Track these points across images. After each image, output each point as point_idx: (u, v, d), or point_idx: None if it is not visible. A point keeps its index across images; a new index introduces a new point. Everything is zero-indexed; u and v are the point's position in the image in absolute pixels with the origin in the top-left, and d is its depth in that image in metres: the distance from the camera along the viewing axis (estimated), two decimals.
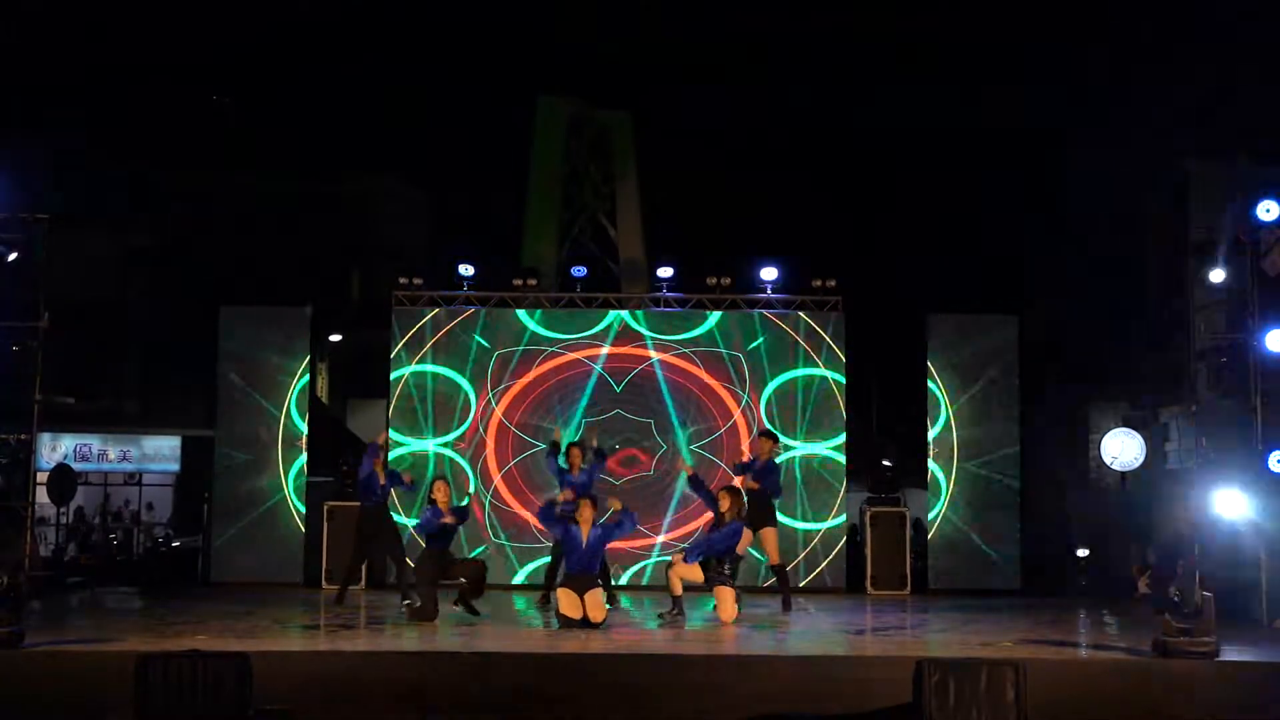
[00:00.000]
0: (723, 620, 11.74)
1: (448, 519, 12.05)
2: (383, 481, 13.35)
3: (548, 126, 23.41)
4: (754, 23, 23.40)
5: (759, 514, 12.71)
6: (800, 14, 22.97)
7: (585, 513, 11.77)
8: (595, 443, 13.55)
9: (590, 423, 15.16)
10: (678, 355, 15.80)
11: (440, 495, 12.09)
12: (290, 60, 23.35)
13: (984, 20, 21.34)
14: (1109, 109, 20.34)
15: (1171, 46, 19.16)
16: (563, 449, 13.33)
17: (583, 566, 11.69)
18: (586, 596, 11.39)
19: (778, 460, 13.46)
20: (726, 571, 11.88)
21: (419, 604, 11.92)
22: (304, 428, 15.60)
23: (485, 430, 15.56)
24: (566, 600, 11.42)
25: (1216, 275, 12.74)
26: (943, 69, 22.33)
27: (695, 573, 11.93)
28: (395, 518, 14.11)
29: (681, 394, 15.73)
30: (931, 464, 15.71)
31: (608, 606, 12.07)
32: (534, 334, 15.79)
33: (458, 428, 15.61)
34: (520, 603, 13.67)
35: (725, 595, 11.81)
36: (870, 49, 22.88)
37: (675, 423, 15.60)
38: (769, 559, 13.14)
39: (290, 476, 15.51)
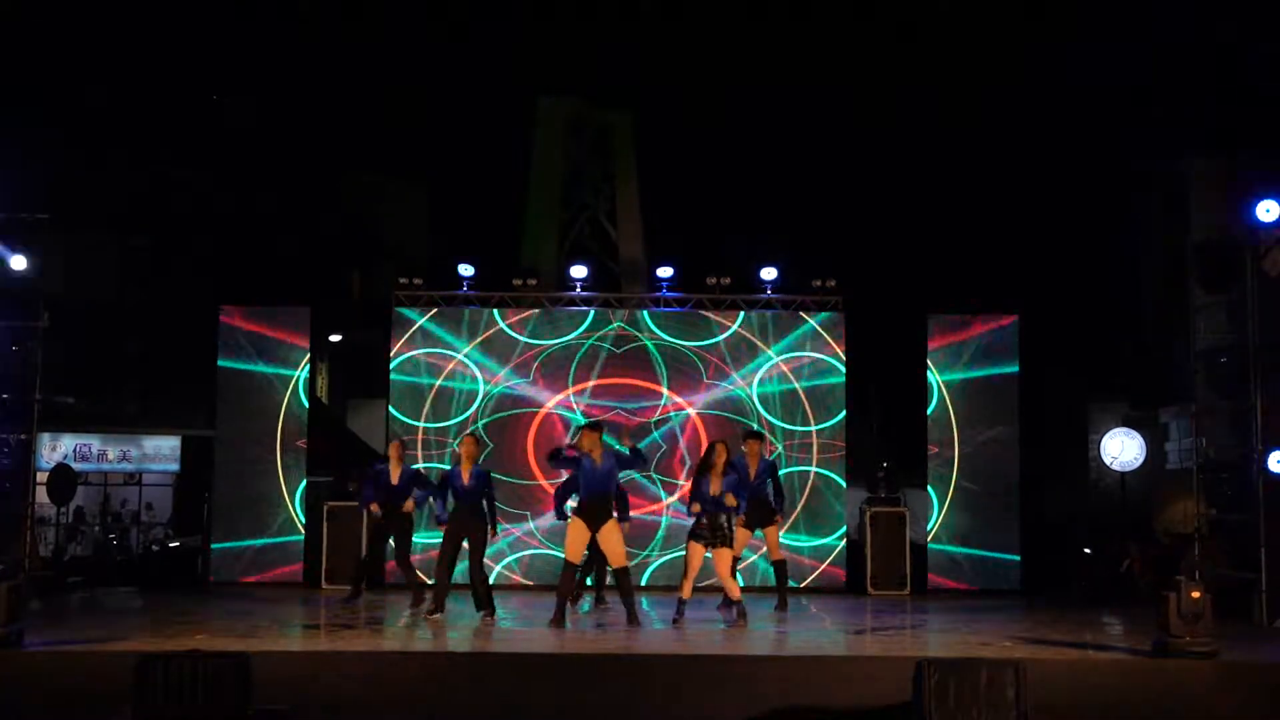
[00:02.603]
0: (726, 585, 11.52)
1: (465, 479, 11.74)
2: (395, 482, 13.01)
3: (548, 126, 23.41)
4: (754, 22, 23.43)
5: (760, 513, 12.69)
6: (800, 13, 23.00)
7: (592, 439, 11.33)
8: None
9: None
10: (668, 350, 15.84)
11: (465, 450, 11.82)
12: (290, 60, 23.36)
13: (985, 19, 21.37)
14: (1109, 109, 20.36)
15: (1171, 46, 19.17)
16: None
17: (598, 492, 11.29)
18: (601, 533, 11.30)
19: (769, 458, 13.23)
20: (727, 529, 11.51)
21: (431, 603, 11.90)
22: (304, 428, 15.60)
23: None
24: (576, 533, 11.28)
25: (1220, 279, 12.78)
26: (943, 68, 22.35)
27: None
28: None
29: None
30: (931, 464, 15.71)
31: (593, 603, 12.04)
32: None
33: (459, 415, 15.63)
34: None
35: (723, 557, 11.52)
36: (870, 49, 22.91)
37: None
38: (770, 554, 13.14)
39: (290, 476, 15.51)
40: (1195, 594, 9.45)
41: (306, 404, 15.68)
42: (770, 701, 8.78)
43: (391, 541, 13.42)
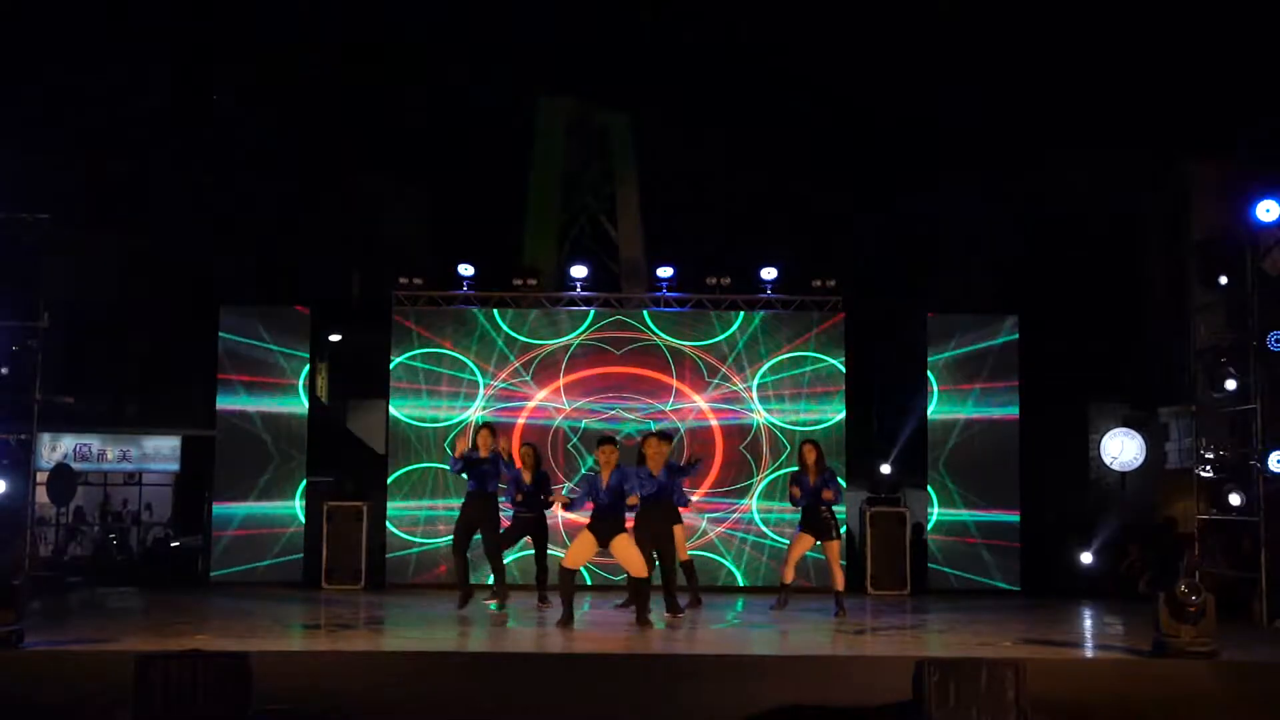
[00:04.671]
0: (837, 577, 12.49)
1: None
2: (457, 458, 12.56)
3: (548, 127, 23.39)
4: (755, 23, 23.41)
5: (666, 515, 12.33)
6: (800, 15, 22.98)
7: (606, 455, 11.40)
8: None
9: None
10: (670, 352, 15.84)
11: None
12: (290, 59, 23.34)
13: (984, 19, 21.35)
14: (1110, 108, 20.35)
15: (1171, 45, 19.17)
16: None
17: (607, 510, 11.29)
18: (614, 547, 11.31)
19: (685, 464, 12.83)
20: (831, 520, 12.62)
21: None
22: (304, 428, 15.61)
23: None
24: (581, 544, 11.33)
25: (1220, 279, 12.78)
26: (943, 68, 22.34)
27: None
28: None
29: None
30: (931, 464, 15.71)
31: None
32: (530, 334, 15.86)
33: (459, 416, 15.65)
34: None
35: (834, 549, 12.67)
36: (870, 50, 22.90)
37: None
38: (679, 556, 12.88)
39: (290, 476, 15.52)
40: (1194, 594, 9.46)
41: (307, 403, 15.70)
42: (770, 701, 8.78)
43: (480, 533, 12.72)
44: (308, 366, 15.80)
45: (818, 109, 23.21)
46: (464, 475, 12.52)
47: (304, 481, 15.52)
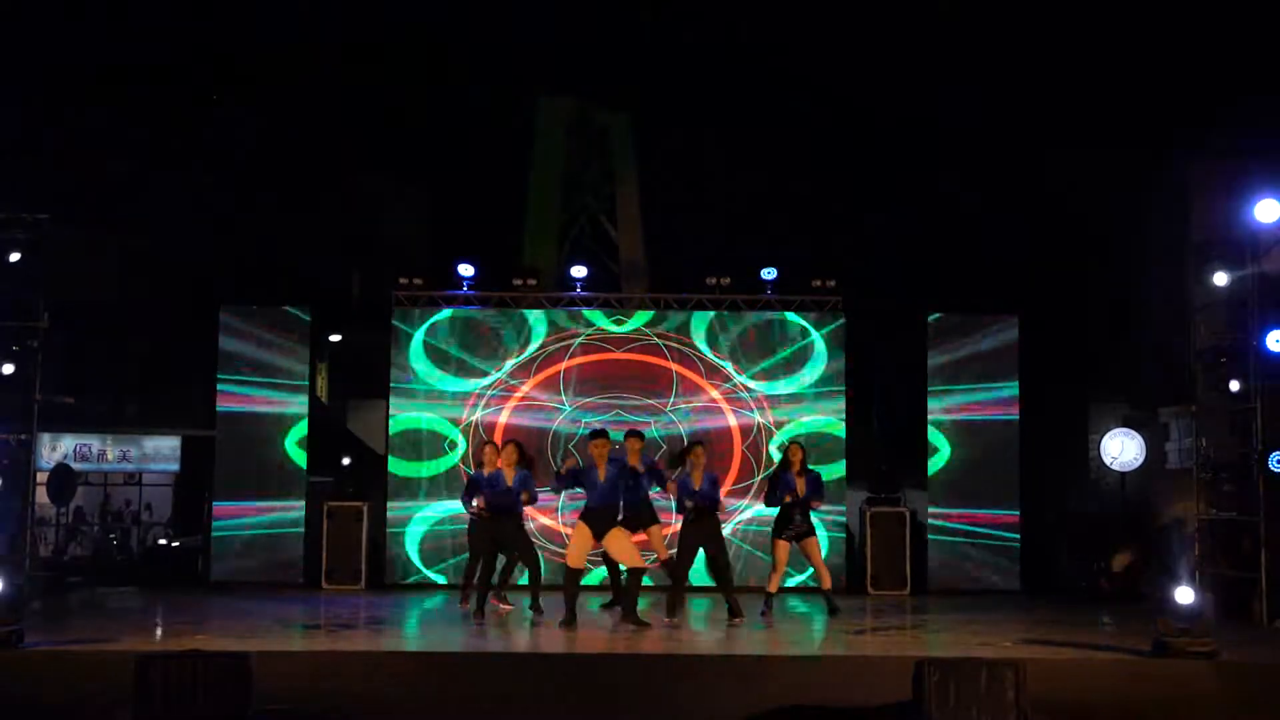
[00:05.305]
0: (819, 571, 12.46)
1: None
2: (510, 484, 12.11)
3: (548, 126, 23.40)
4: (755, 24, 23.41)
5: (641, 516, 12.06)
6: (800, 15, 22.98)
7: (599, 448, 11.40)
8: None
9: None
10: (678, 354, 15.84)
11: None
12: (290, 59, 23.33)
13: (988, 17, 21.35)
14: (1110, 108, 20.34)
15: (1171, 45, 19.16)
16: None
17: (607, 502, 11.34)
18: (607, 540, 11.32)
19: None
20: (802, 522, 12.40)
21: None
22: (305, 428, 15.60)
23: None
24: (579, 539, 11.33)
25: (1220, 279, 12.76)
26: (943, 68, 22.33)
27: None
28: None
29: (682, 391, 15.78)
30: (931, 464, 15.71)
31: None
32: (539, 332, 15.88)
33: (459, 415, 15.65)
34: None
35: (814, 545, 12.49)
36: (870, 50, 22.89)
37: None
38: (659, 555, 12.47)
39: (290, 476, 15.51)
40: (1193, 594, 9.46)
41: (307, 404, 15.70)
42: (770, 701, 8.78)
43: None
44: (308, 366, 15.79)
45: (818, 109, 23.15)
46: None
47: (304, 481, 15.52)
